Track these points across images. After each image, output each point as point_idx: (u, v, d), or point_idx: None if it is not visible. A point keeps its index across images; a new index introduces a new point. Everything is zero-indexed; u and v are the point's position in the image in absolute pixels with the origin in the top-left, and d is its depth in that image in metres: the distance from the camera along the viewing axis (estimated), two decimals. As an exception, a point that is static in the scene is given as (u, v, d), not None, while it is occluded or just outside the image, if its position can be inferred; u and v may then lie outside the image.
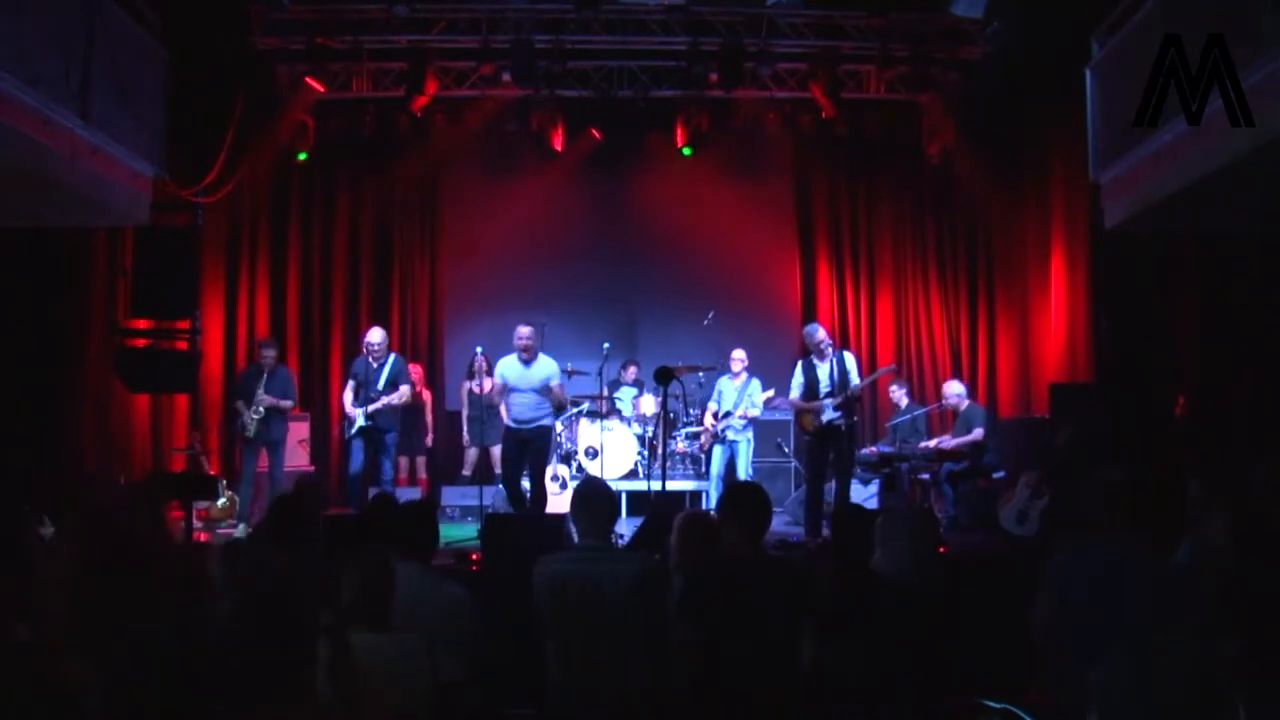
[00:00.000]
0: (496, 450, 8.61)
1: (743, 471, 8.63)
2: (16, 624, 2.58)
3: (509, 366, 7.63)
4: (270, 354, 8.40)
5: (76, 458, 7.94)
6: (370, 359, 8.22)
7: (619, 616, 3.48)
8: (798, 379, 7.86)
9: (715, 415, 8.90)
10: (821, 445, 7.73)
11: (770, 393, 8.90)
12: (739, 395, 8.73)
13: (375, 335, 8.30)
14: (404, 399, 8.22)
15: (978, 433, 8.53)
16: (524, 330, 7.59)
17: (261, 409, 8.15)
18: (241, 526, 8.00)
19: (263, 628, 2.03)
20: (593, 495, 3.83)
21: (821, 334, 7.81)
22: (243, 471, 8.23)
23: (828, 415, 7.61)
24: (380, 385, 8.10)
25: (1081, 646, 3.31)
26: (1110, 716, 2.08)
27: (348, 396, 8.26)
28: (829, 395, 7.64)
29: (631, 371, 10.04)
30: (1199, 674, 2.11)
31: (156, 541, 3.19)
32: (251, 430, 8.15)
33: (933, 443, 8.80)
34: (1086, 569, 3.49)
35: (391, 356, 8.27)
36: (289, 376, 8.61)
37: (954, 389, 8.96)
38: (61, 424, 7.85)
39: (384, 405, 8.04)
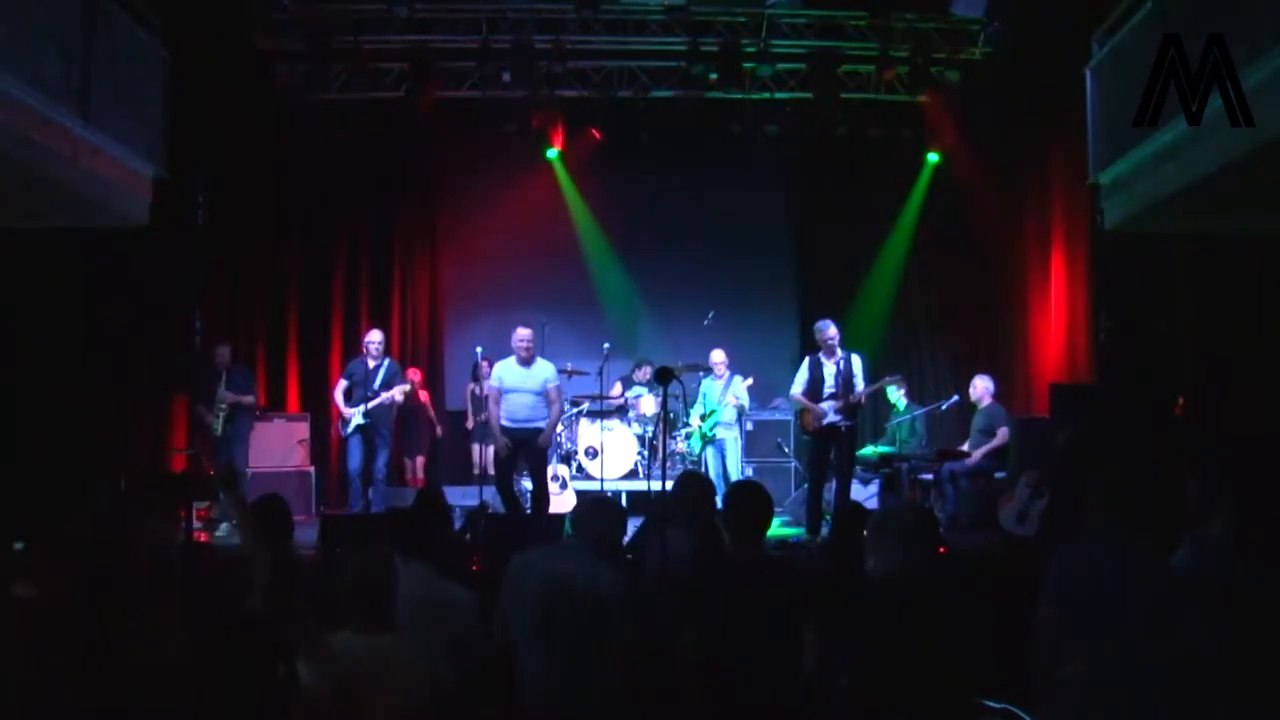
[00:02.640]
0: (489, 451, 8.57)
1: (734, 468, 8.66)
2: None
3: (507, 369, 7.60)
4: (225, 351, 8.63)
5: (76, 458, 7.93)
6: (368, 360, 8.53)
7: (576, 613, 3.48)
8: (802, 374, 7.87)
9: (701, 416, 8.94)
10: (822, 445, 7.74)
11: (750, 380, 8.92)
12: (722, 394, 8.77)
13: (377, 335, 8.68)
14: (402, 396, 8.63)
15: (1003, 433, 8.49)
16: (524, 333, 7.58)
17: (224, 406, 8.43)
18: (225, 526, 8.03)
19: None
20: (596, 507, 3.86)
21: (831, 330, 7.82)
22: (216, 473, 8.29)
23: (830, 419, 7.63)
24: (377, 385, 8.43)
25: (1082, 646, 3.31)
26: (1108, 715, 2.08)
27: (339, 396, 8.58)
28: (832, 397, 7.64)
29: (645, 371, 10.03)
30: (1195, 673, 2.12)
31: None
32: (219, 429, 8.39)
33: (973, 456, 8.55)
34: (1087, 569, 3.48)
35: (386, 360, 8.60)
36: (247, 373, 8.88)
37: (984, 382, 8.87)
38: (61, 424, 7.84)
39: (384, 402, 8.39)
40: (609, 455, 9.33)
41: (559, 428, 9.43)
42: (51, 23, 5.74)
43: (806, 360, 7.97)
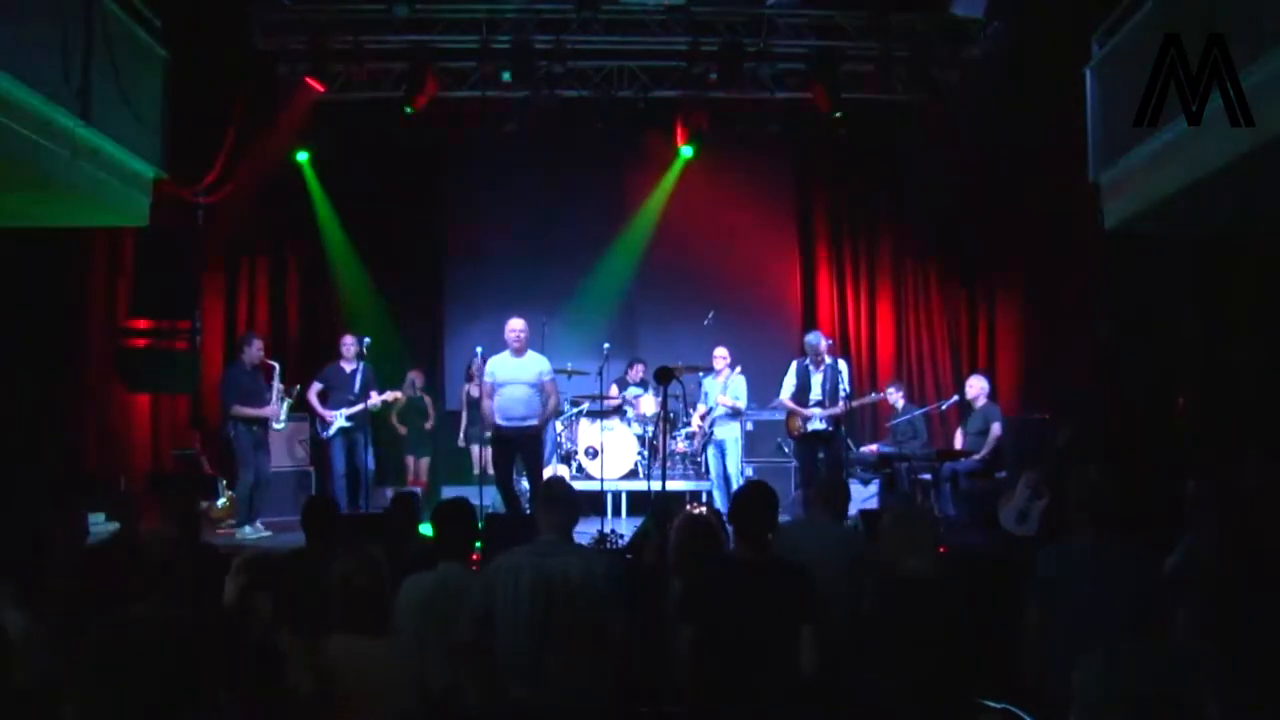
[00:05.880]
0: (489, 451, 8.52)
1: (734, 469, 8.66)
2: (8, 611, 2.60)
3: (499, 362, 7.55)
4: (260, 344, 8.53)
5: (77, 458, 7.94)
6: (344, 364, 8.59)
7: (570, 610, 3.47)
8: (790, 380, 8.00)
9: (703, 416, 8.95)
10: (809, 447, 7.90)
11: (738, 367, 8.90)
12: (721, 392, 8.79)
13: (350, 339, 8.70)
14: (380, 403, 8.68)
15: (995, 428, 8.53)
16: (516, 323, 7.54)
17: (291, 399, 8.46)
18: (257, 526, 8.03)
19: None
20: (554, 495, 3.84)
21: (823, 345, 7.92)
22: (259, 474, 8.13)
23: (814, 425, 7.75)
24: (357, 390, 8.47)
25: (1064, 645, 3.31)
26: (1090, 716, 2.08)
27: (315, 399, 8.53)
28: (818, 404, 7.76)
29: (638, 370, 10.03)
30: (1180, 673, 2.11)
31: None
32: (283, 421, 8.41)
33: (975, 457, 8.58)
34: (1069, 569, 3.50)
35: (361, 364, 8.60)
36: None
37: (979, 382, 8.92)
38: (61, 424, 7.85)
39: (365, 409, 8.42)
40: (609, 455, 9.33)
41: (559, 426, 9.45)
42: (51, 23, 5.74)
43: (794, 366, 8.07)
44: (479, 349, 8.58)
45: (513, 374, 7.47)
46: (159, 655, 1.59)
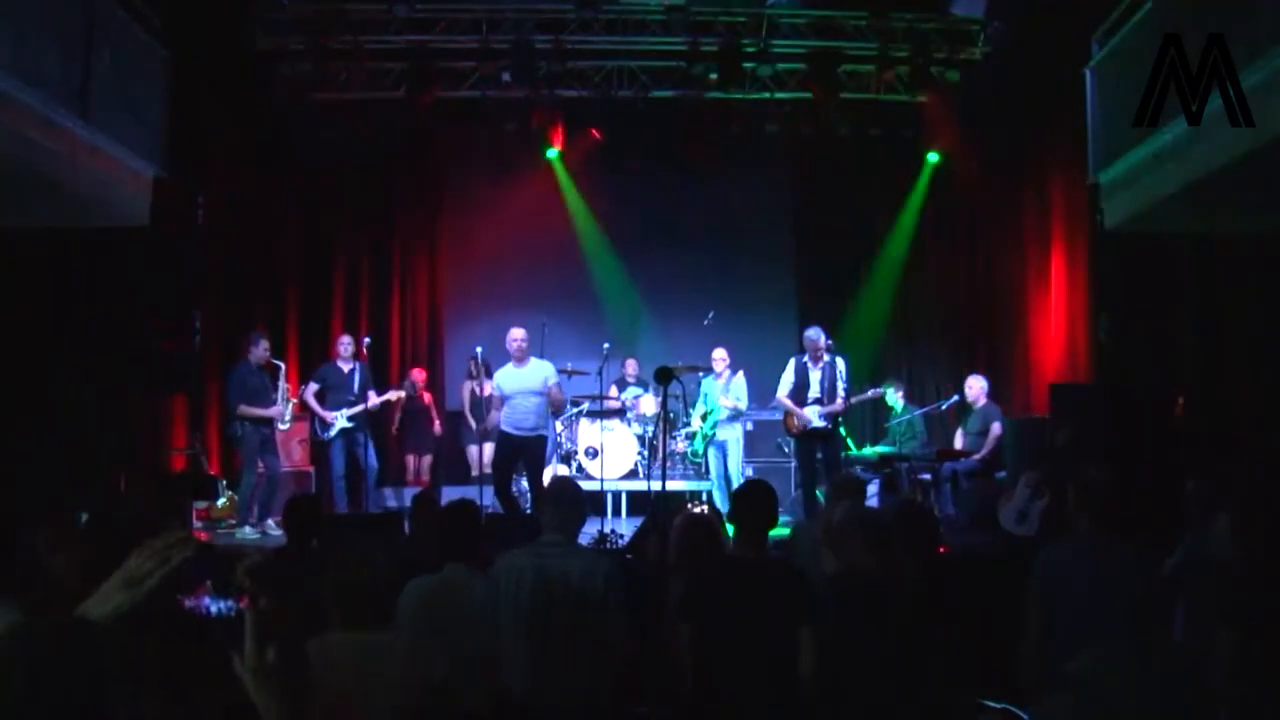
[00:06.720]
0: (490, 449, 8.51)
1: (734, 470, 8.66)
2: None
3: (505, 375, 7.60)
4: (267, 345, 8.49)
5: (77, 458, 7.92)
6: (340, 364, 8.56)
7: (570, 611, 3.47)
8: (788, 377, 7.98)
9: (703, 417, 8.96)
10: (807, 446, 7.89)
11: (740, 371, 8.91)
12: (722, 393, 8.80)
13: (347, 338, 8.73)
14: (380, 403, 8.63)
15: (996, 427, 8.54)
16: (517, 332, 7.57)
17: (295, 402, 8.44)
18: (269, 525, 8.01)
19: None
20: (562, 495, 3.82)
21: (823, 341, 7.89)
22: (271, 473, 8.13)
23: (814, 424, 7.75)
24: (356, 389, 8.45)
25: (1064, 645, 3.31)
26: (1089, 715, 2.08)
27: (313, 400, 8.46)
28: (817, 402, 7.76)
29: (632, 365, 10.03)
30: (1180, 673, 2.11)
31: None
32: (288, 421, 8.38)
33: (976, 455, 8.59)
34: (1069, 569, 3.50)
35: (357, 363, 8.58)
36: None
37: (979, 382, 8.92)
38: (61, 424, 7.84)
39: (365, 410, 8.37)
40: (609, 455, 9.33)
41: (559, 426, 9.45)
42: (51, 23, 5.74)
43: (793, 363, 8.05)
44: (479, 348, 8.59)
45: (519, 385, 7.51)
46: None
